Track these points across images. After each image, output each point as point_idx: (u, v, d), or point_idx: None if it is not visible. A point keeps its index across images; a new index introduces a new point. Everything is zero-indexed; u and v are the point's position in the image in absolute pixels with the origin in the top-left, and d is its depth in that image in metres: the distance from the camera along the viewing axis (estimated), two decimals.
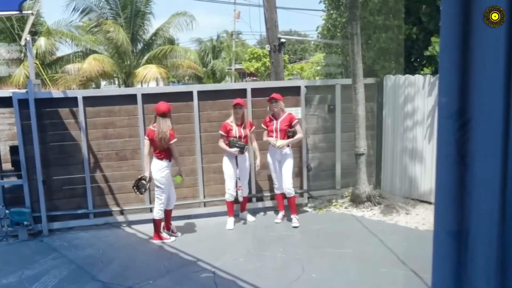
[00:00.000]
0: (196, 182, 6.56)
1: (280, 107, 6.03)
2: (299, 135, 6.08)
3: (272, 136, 6.02)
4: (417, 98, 6.56)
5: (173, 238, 5.72)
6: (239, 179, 5.99)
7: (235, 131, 5.92)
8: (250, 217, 6.30)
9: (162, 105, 5.49)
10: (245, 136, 5.96)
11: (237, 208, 6.28)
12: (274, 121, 6.04)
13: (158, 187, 5.55)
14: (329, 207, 6.77)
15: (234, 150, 5.86)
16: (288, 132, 5.99)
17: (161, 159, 5.50)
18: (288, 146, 6.03)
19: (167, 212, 5.80)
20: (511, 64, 1.14)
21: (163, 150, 5.48)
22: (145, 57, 19.84)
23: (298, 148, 6.70)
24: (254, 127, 6.12)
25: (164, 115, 5.45)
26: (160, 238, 5.66)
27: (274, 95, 6.02)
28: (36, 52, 16.46)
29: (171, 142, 5.43)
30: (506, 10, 1.13)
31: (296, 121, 6.07)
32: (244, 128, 5.97)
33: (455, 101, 1.25)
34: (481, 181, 1.26)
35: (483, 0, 1.16)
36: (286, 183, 6.03)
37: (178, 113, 6.32)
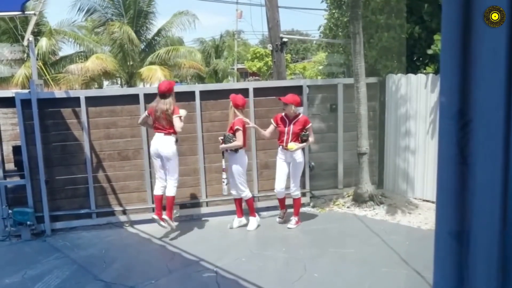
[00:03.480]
0: (199, 182, 6.56)
1: (292, 110, 5.80)
2: (311, 139, 5.93)
3: (283, 137, 5.83)
4: (420, 97, 6.54)
5: (176, 223, 5.81)
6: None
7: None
8: (251, 225, 6.03)
9: (161, 85, 5.59)
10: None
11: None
12: (287, 122, 5.85)
13: (170, 162, 5.59)
14: (331, 206, 6.77)
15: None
16: (303, 136, 5.79)
17: (169, 134, 5.55)
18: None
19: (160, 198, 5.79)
20: (511, 64, 1.14)
21: (167, 125, 5.54)
22: (149, 58, 19.83)
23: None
24: (237, 127, 5.70)
25: (163, 95, 5.54)
26: (171, 216, 5.71)
27: (284, 98, 5.81)
28: (38, 52, 16.50)
29: (174, 116, 5.49)
30: (506, 10, 1.12)
31: (310, 125, 5.87)
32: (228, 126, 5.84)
33: (456, 101, 1.25)
34: (482, 181, 1.26)
35: (483, 0, 1.15)
36: (293, 187, 5.96)
37: None
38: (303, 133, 5.80)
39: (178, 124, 5.52)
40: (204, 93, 6.51)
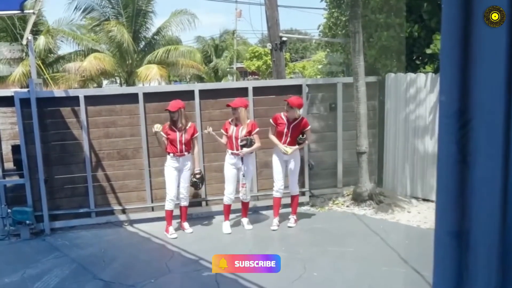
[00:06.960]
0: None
1: (296, 113, 5.78)
2: (307, 142, 6.05)
3: (281, 138, 5.80)
4: (419, 96, 6.54)
5: (174, 235, 5.75)
6: (243, 176, 5.83)
7: (232, 131, 5.78)
8: (247, 225, 6.04)
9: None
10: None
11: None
12: (286, 123, 5.79)
13: None
14: (331, 205, 6.77)
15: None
16: (299, 139, 5.83)
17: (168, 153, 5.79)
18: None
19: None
20: (511, 64, 1.14)
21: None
22: (148, 57, 19.80)
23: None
24: (258, 129, 5.84)
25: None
26: (166, 230, 5.80)
27: (290, 100, 5.75)
28: (35, 51, 16.45)
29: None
30: (506, 10, 1.12)
31: (308, 127, 5.89)
32: (242, 129, 5.75)
33: (456, 100, 1.25)
34: (482, 180, 1.26)
35: (483, 0, 1.15)
36: (292, 185, 6.00)
37: None
38: (301, 137, 5.84)
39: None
40: (204, 92, 6.51)
